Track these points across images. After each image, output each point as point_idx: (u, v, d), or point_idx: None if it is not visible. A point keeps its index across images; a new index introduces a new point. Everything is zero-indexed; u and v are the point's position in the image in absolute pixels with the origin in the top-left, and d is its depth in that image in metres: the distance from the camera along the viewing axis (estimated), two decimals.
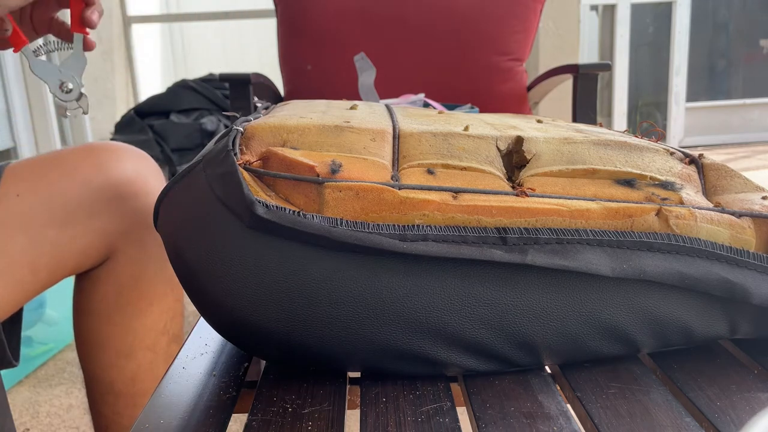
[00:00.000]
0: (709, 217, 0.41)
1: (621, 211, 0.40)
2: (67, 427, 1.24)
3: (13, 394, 1.36)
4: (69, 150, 0.71)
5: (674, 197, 0.42)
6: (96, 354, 0.75)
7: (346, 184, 0.39)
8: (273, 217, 0.37)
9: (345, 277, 0.38)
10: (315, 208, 0.39)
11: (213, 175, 0.41)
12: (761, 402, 0.38)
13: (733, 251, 0.41)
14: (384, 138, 0.45)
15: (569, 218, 0.40)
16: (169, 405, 0.40)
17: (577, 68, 1.36)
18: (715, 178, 0.47)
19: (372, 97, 0.94)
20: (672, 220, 0.40)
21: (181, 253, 0.41)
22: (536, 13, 1.52)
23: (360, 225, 0.38)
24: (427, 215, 0.39)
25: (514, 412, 0.37)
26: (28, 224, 0.65)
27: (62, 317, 1.53)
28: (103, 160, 0.70)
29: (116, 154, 0.71)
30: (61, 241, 0.67)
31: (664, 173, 0.45)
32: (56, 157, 0.70)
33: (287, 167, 0.40)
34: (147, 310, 0.74)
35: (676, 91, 3.98)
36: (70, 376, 1.43)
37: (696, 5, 3.88)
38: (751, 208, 0.43)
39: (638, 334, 0.42)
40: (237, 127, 0.44)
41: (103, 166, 0.70)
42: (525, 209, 0.40)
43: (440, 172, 0.42)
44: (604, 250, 0.39)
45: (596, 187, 0.43)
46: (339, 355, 0.40)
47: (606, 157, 0.45)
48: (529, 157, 0.45)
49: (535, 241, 0.39)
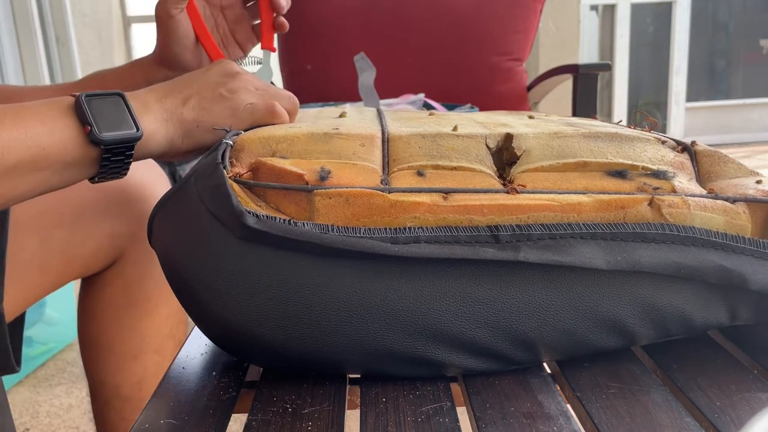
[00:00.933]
0: (702, 204, 0.41)
1: (613, 203, 0.40)
2: (67, 427, 1.24)
3: (13, 394, 1.36)
4: None
5: (666, 186, 0.42)
6: (102, 357, 0.75)
7: (336, 190, 0.39)
8: (263, 227, 0.38)
9: (339, 283, 0.38)
10: (306, 216, 0.39)
11: (203, 189, 0.41)
12: (761, 402, 0.38)
13: (728, 237, 0.40)
14: (373, 142, 0.45)
15: (561, 213, 0.40)
16: (169, 405, 0.40)
17: (577, 68, 1.36)
18: (708, 164, 0.46)
19: (372, 97, 0.93)
20: (665, 209, 0.40)
21: (175, 267, 0.42)
22: (536, 13, 1.51)
23: (351, 230, 0.38)
24: (419, 217, 0.39)
25: (514, 412, 0.37)
26: (39, 225, 0.65)
27: (62, 317, 1.53)
28: None
29: None
30: (71, 243, 0.67)
31: (656, 162, 0.44)
32: None
33: (277, 177, 0.40)
34: (154, 312, 0.74)
35: (676, 91, 3.98)
36: (70, 376, 1.43)
37: (696, 5, 3.88)
38: (746, 193, 0.42)
39: (637, 326, 0.41)
40: (226, 141, 0.44)
41: None
42: (516, 206, 0.39)
43: (430, 174, 0.42)
44: (598, 243, 0.39)
45: (587, 180, 0.42)
46: (337, 361, 0.40)
47: (597, 149, 0.45)
48: (519, 154, 0.44)
49: (527, 238, 0.39)
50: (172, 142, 0.49)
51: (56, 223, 0.66)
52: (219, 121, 0.49)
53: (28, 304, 0.67)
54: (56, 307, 1.51)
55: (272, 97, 0.52)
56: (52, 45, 2.50)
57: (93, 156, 0.45)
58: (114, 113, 0.45)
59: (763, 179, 0.45)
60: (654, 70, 4.06)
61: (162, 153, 0.50)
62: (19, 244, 0.63)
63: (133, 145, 0.45)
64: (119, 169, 0.47)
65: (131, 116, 0.46)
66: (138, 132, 0.45)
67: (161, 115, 0.48)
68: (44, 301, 1.48)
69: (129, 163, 0.47)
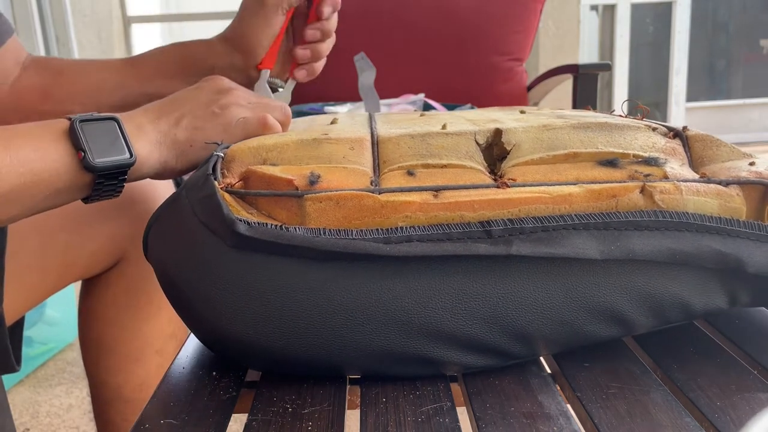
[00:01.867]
0: (695, 188, 0.41)
1: (604, 192, 0.40)
2: (67, 427, 1.24)
3: (13, 394, 1.36)
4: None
5: (658, 172, 0.42)
6: (104, 358, 0.74)
7: (326, 194, 0.39)
8: (255, 234, 0.38)
9: (333, 286, 0.38)
10: (298, 221, 0.39)
11: (195, 200, 0.41)
12: (761, 402, 0.38)
13: (723, 221, 0.40)
14: (363, 145, 0.45)
15: (552, 204, 0.40)
16: (169, 405, 0.40)
17: (577, 68, 1.36)
18: (700, 149, 0.46)
19: (372, 97, 0.93)
20: (657, 196, 0.40)
21: (170, 277, 0.42)
22: (536, 13, 1.52)
23: (343, 232, 0.38)
24: (410, 216, 0.39)
25: (514, 412, 0.37)
26: (39, 227, 0.65)
27: (62, 317, 1.53)
28: None
29: None
30: (72, 245, 0.67)
31: (647, 149, 0.44)
32: None
33: (267, 184, 0.41)
34: (156, 314, 0.74)
35: (676, 91, 3.98)
36: (70, 376, 1.43)
37: (696, 5, 3.88)
38: (738, 175, 0.42)
39: (635, 314, 0.41)
40: (217, 153, 0.44)
41: None
42: (507, 200, 0.39)
43: (420, 173, 0.42)
44: (591, 233, 0.39)
45: (578, 170, 0.42)
46: (335, 363, 0.40)
47: (587, 139, 0.45)
48: (509, 148, 0.44)
49: (520, 231, 0.38)
50: (165, 163, 0.49)
51: (57, 225, 0.66)
52: (212, 139, 0.49)
53: (29, 306, 0.66)
54: (56, 307, 1.51)
55: (264, 109, 0.52)
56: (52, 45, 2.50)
57: (86, 181, 0.45)
58: (108, 138, 0.45)
59: (757, 161, 0.44)
60: (654, 70, 4.06)
61: (156, 174, 0.50)
62: (19, 245, 0.63)
63: (126, 170, 0.46)
64: (112, 191, 0.47)
65: (125, 141, 0.46)
66: (131, 158, 0.45)
67: (155, 137, 0.48)
68: (44, 301, 1.48)
69: (122, 186, 0.47)
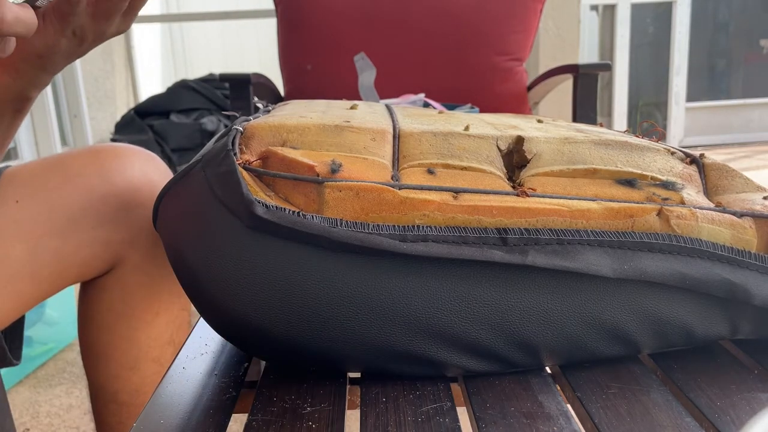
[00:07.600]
0: (710, 217, 0.41)
1: (622, 211, 0.40)
2: (67, 427, 1.24)
3: (13, 394, 1.36)
4: (71, 154, 0.68)
5: (675, 197, 0.42)
6: (101, 364, 0.73)
7: (346, 183, 0.39)
8: (272, 218, 0.37)
9: (344, 278, 0.38)
10: (315, 208, 0.39)
11: (212, 175, 0.40)
12: (761, 402, 0.38)
13: (734, 252, 0.41)
14: (384, 138, 0.45)
15: (570, 218, 0.40)
16: (169, 405, 0.40)
17: (577, 68, 1.36)
18: (716, 177, 0.46)
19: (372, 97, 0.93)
20: (673, 220, 0.40)
21: (180, 253, 0.41)
22: (536, 13, 1.52)
23: (360, 225, 0.38)
24: (428, 215, 0.39)
25: (514, 412, 0.37)
26: (28, 233, 0.63)
27: (62, 317, 1.53)
28: (108, 166, 0.67)
29: (122, 159, 0.68)
30: (64, 251, 0.64)
31: (665, 173, 0.45)
32: (58, 162, 0.67)
33: (287, 167, 0.40)
34: (153, 322, 0.72)
35: (676, 91, 3.98)
36: (70, 376, 1.43)
37: (696, 5, 3.88)
38: (753, 208, 0.43)
39: (639, 335, 0.42)
40: (237, 127, 0.43)
41: (108, 172, 0.67)
42: (525, 209, 0.39)
43: (440, 172, 0.42)
44: (605, 250, 0.39)
45: (597, 187, 0.42)
46: (339, 356, 0.40)
47: (607, 156, 0.45)
48: (530, 157, 0.44)
49: (535, 242, 0.39)
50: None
51: (46, 231, 0.63)
52: None
53: (20, 312, 0.65)
54: (56, 308, 1.51)
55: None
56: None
57: None
58: None
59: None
60: (654, 70, 4.07)
61: None
62: (5, 252, 0.61)
63: None
64: None
65: None
66: None
67: None
68: (44, 302, 1.48)
69: None
